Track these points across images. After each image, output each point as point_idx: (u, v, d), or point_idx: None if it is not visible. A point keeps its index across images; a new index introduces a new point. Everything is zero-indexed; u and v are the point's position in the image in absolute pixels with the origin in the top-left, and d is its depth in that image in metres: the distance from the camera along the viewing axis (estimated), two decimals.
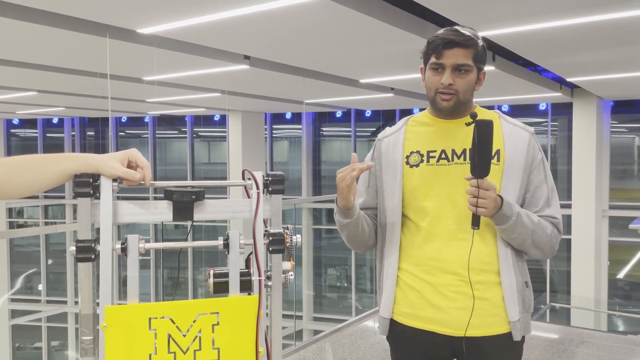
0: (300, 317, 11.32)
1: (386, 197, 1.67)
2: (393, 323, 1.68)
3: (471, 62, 1.57)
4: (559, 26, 3.98)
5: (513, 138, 1.62)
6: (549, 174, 1.65)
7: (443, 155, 1.62)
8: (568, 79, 6.79)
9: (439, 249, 1.59)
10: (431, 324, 1.60)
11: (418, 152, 1.65)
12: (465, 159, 1.60)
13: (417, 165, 1.64)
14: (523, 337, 1.64)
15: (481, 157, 1.46)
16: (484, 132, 1.46)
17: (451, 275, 1.58)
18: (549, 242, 1.60)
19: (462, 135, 1.62)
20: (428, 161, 1.63)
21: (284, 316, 1.21)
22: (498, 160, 1.60)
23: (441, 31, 1.60)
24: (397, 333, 1.68)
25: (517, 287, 1.59)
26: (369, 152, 1.78)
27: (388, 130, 1.76)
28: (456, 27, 1.61)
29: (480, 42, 1.60)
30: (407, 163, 1.65)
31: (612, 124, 9.29)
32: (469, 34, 1.57)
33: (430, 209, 1.61)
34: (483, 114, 1.68)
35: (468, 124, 1.50)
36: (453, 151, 1.62)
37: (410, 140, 1.68)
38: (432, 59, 1.59)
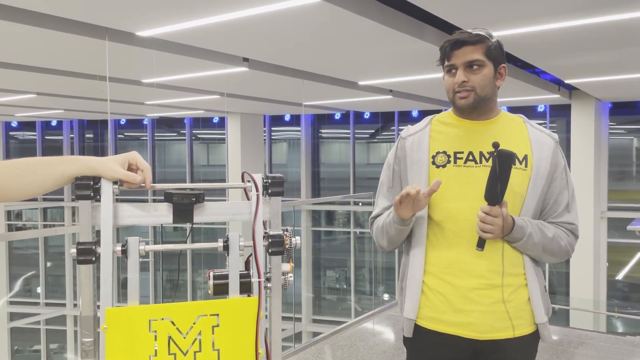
0: (299, 319, 11.31)
1: None
2: (415, 327, 1.67)
3: (482, 57, 1.58)
4: (557, 28, 3.99)
5: (540, 144, 1.63)
6: (570, 180, 1.67)
7: (470, 157, 1.62)
8: (566, 81, 6.80)
9: (466, 252, 1.59)
10: (455, 328, 1.60)
11: (444, 152, 1.64)
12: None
13: (443, 166, 1.63)
14: (538, 340, 1.66)
15: (497, 186, 1.49)
16: (503, 163, 1.47)
17: (477, 278, 1.58)
18: (561, 252, 1.64)
19: (488, 137, 1.63)
20: (455, 162, 1.62)
21: (283, 318, 1.22)
22: (526, 165, 1.60)
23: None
24: (418, 337, 1.67)
25: (540, 289, 1.62)
26: (392, 150, 1.75)
27: (411, 128, 1.74)
28: (469, 29, 1.63)
29: (493, 39, 1.61)
30: (434, 163, 1.64)
31: (610, 125, 9.30)
32: (477, 32, 1.59)
33: (457, 211, 1.60)
34: (508, 118, 1.69)
35: (490, 153, 1.52)
36: (481, 153, 1.62)
37: (435, 140, 1.67)
38: (445, 62, 1.62)
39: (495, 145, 1.49)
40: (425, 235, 1.65)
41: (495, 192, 1.49)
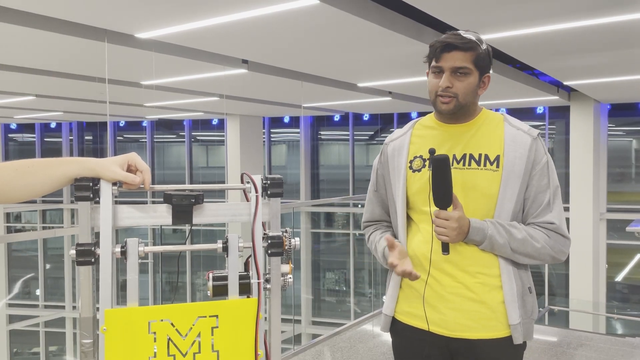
0: (299, 321, 11.30)
1: (396, 201, 1.71)
2: (394, 321, 1.72)
3: (470, 65, 1.57)
4: (556, 30, 4.00)
5: (514, 143, 1.60)
6: (553, 178, 1.62)
7: None
8: (565, 83, 6.82)
9: (438, 251, 1.60)
10: (429, 324, 1.63)
11: (421, 156, 1.67)
12: (464, 164, 1.61)
13: (419, 170, 1.66)
14: (524, 343, 1.63)
15: (436, 190, 1.52)
16: (437, 167, 1.50)
17: (450, 277, 1.60)
18: (540, 254, 1.59)
19: (464, 140, 1.63)
20: (430, 166, 1.64)
21: (283, 320, 1.22)
22: (497, 166, 1.59)
23: (443, 35, 1.61)
24: (398, 331, 1.72)
25: (517, 291, 1.59)
26: (377, 157, 1.81)
27: (395, 134, 1.78)
28: (460, 31, 1.61)
29: (484, 46, 1.60)
30: (410, 168, 1.68)
31: (609, 127, 9.31)
32: (470, 38, 1.57)
33: (428, 213, 1.62)
34: (488, 118, 1.68)
35: (426, 159, 1.59)
36: (454, 156, 1.62)
37: (415, 145, 1.71)
38: (433, 62, 1.61)
39: (431, 151, 1.53)
40: (405, 234, 1.70)
41: (436, 195, 1.53)
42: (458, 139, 1.64)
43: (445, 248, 1.56)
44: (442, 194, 1.52)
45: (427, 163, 1.64)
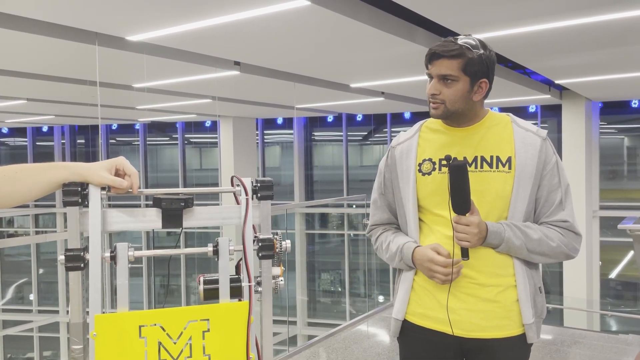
0: (294, 323, 11.28)
1: (404, 204, 1.70)
2: (405, 323, 1.71)
3: (457, 72, 1.57)
4: (547, 29, 4.02)
5: (524, 144, 1.62)
6: (563, 176, 1.64)
7: None
8: (557, 81, 6.84)
9: (457, 254, 1.60)
10: (442, 325, 1.63)
11: (430, 159, 1.67)
12: (476, 167, 1.62)
13: (429, 174, 1.66)
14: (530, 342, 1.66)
15: (455, 197, 1.52)
16: (455, 175, 1.51)
17: (465, 278, 1.60)
18: (555, 253, 1.62)
19: (473, 143, 1.64)
20: (440, 169, 1.64)
21: (278, 322, 1.21)
22: (510, 167, 1.60)
23: (437, 42, 1.63)
24: (408, 333, 1.71)
25: (530, 290, 1.61)
26: (383, 159, 1.80)
27: (402, 136, 1.77)
28: (454, 37, 1.61)
29: (480, 51, 1.59)
30: (420, 171, 1.67)
31: (601, 125, 9.36)
32: (459, 44, 1.57)
33: (444, 216, 1.62)
34: (496, 120, 1.69)
35: (444, 166, 1.58)
36: (465, 159, 1.63)
37: (422, 148, 1.70)
38: (426, 69, 1.64)
39: (447, 158, 1.53)
40: (418, 236, 1.69)
41: (455, 202, 1.53)
42: (467, 141, 1.65)
43: (465, 253, 1.57)
44: (461, 201, 1.53)
45: (437, 166, 1.65)
